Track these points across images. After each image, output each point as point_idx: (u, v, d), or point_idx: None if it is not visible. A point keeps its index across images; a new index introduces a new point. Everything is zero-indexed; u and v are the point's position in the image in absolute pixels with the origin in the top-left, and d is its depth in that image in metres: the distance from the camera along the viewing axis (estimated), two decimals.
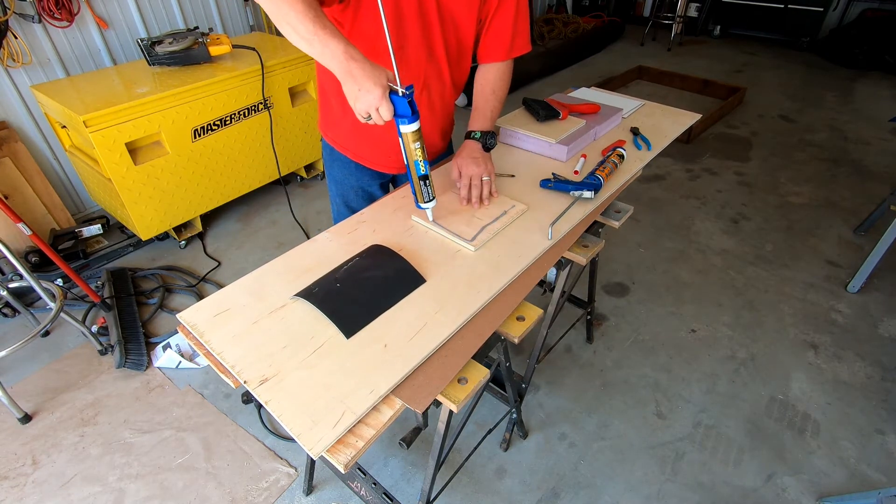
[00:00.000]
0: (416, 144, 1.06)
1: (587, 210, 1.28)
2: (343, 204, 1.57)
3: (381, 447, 1.80)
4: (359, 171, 1.49)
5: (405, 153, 1.08)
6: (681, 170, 3.44)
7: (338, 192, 1.56)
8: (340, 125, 1.41)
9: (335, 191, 1.57)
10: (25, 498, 1.66)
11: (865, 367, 2.05)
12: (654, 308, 2.35)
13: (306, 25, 0.93)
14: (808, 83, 4.79)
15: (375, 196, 1.54)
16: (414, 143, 1.05)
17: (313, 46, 0.95)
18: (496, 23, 1.27)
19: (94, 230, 2.69)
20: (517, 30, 1.29)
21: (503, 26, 1.27)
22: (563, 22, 5.86)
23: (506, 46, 1.31)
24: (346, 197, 1.55)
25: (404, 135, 1.04)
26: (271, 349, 0.91)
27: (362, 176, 1.50)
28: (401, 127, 1.03)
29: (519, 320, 1.04)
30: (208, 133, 2.58)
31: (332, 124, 1.44)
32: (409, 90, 0.99)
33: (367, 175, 1.50)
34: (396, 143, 1.39)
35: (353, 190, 1.53)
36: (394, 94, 0.98)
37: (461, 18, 1.22)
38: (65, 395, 1.99)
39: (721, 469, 1.71)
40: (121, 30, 2.79)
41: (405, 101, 0.99)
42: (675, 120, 1.70)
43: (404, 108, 1.00)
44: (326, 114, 1.44)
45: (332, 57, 0.95)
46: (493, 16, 1.26)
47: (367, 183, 1.52)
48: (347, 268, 1.06)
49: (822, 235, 2.79)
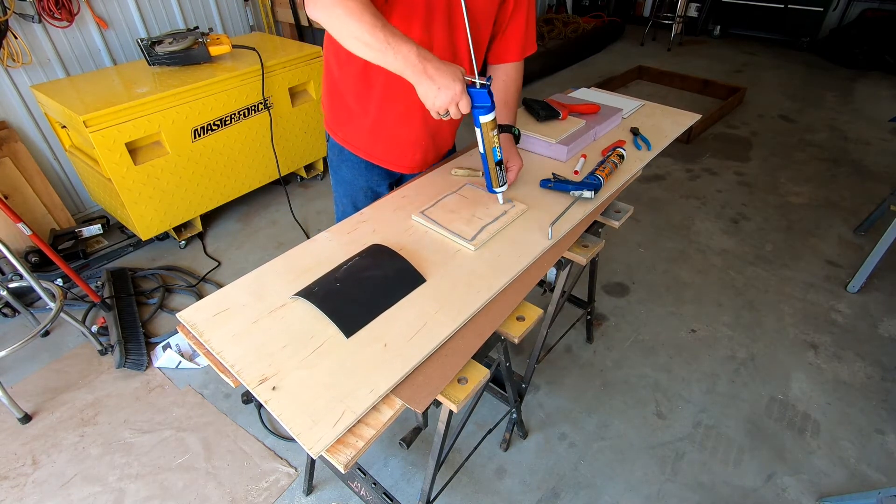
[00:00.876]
0: (494, 132, 1.11)
1: (587, 210, 1.28)
2: (351, 205, 1.55)
3: (381, 447, 1.80)
4: (368, 172, 1.48)
5: (482, 142, 1.13)
6: (681, 170, 3.44)
7: (345, 193, 1.55)
8: (355, 124, 1.39)
9: (342, 192, 1.55)
10: (25, 498, 1.66)
11: (865, 367, 2.05)
12: (654, 308, 2.35)
13: (376, 36, 0.94)
14: (808, 83, 4.79)
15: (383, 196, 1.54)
16: (493, 131, 1.10)
17: (386, 56, 0.96)
18: (513, 24, 1.30)
19: (94, 230, 2.69)
20: (528, 30, 1.32)
21: (518, 27, 1.30)
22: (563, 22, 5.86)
23: (520, 47, 1.34)
24: (355, 198, 1.54)
25: (483, 125, 1.09)
26: (271, 349, 0.91)
27: (372, 176, 1.49)
28: (480, 118, 1.07)
29: (519, 320, 1.04)
30: (208, 133, 2.58)
31: (343, 123, 1.42)
32: (489, 80, 1.03)
33: (377, 175, 1.49)
34: (416, 141, 1.41)
35: (362, 191, 1.52)
36: (472, 87, 1.02)
37: (483, 20, 1.24)
38: (65, 395, 1.99)
39: (721, 469, 1.71)
40: (121, 30, 2.79)
41: (484, 92, 1.03)
42: (675, 120, 1.70)
43: (484, 98, 1.03)
44: (337, 113, 1.42)
45: (406, 62, 0.96)
46: (511, 17, 1.28)
47: (375, 183, 1.51)
48: (347, 267, 1.06)
49: (822, 235, 2.79)
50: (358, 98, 1.33)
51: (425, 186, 1.38)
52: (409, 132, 1.37)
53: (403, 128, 1.36)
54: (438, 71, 0.96)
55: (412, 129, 1.37)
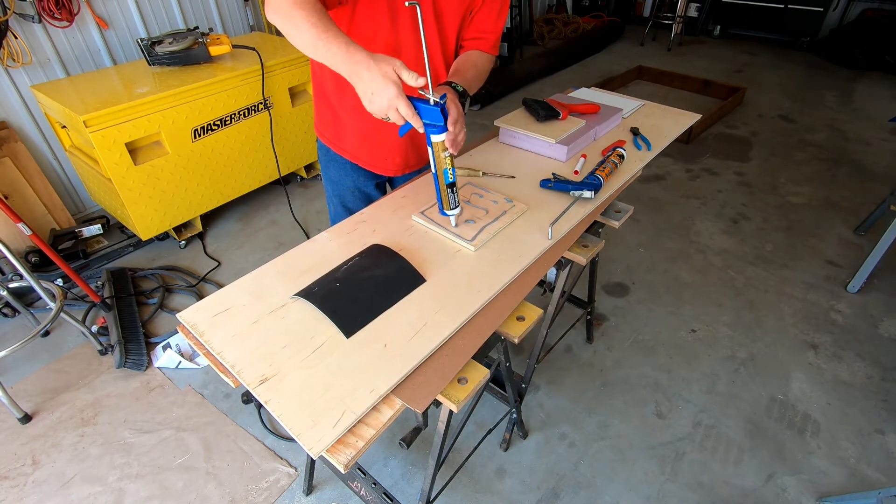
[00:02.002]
0: (446, 153, 1.03)
1: (587, 210, 1.27)
2: (340, 205, 1.57)
3: (381, 447, 1.80)
4: (355, 172, 1.49)
5: (433, 162, 1.06)
6: (681, 170, 3.44)
7: (334, 193, 1.56)
8: (338, 126, 1.41)
9: (332, 191, 1.57)
10: (25, 498, 1.66)
11: (865, 367, 2.05)
12: (654, 308, 2.35)
13: (311, 31, 0.92)
14: (807, 83, 4.79)
15: (372, 196, 1.55)
16: (444, 152, 1.03)
17: (318, 51, 0.94)
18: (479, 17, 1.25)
19: (94, 230, 2.69)
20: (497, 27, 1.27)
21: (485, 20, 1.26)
22: (563, 22, 5.86)
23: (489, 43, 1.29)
24: (343, 197, 1.55)
25: (434, 144, 1.02)
26: (271, 349, 0.91)
27: (358, 177, 1.50)
28: (431, 137, 1.00)
29: (519, 320, 1.04)
30: (208, 133, 2.58)
31: (329, 125, 1.44)
32: (443, 99, 0.96)
33: (363, 175, 1.50)
34: (395, 146, 1.39)
35: (349, 190, 1.53)
36: (424, 103, 0.95)
37: (450, 18, 1.21)
38: (65, 395, 1.99)
39: (721, 469, 1.71)
40: (121, 30, 2.79)
41: (437, 110, 0.95)
42: (675, 120, 1.70)
43: (435, 117, 0.96)
44: (322, 115, 1.44)
45: (336, 59, 0.92)
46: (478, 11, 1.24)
47: (363, 183, 1.52)
48: (347, 267, 1.06)
49: (822, 235, 2.79)
50: (339, 101, 1.34)
51: (425, 186, 1.38)
52: (385, 137, 1.37)
53: (380, 133, 1.36)
54: (370, 72, 0.90)
55: (388, 134, 1.36)
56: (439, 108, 0.95)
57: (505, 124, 1.56)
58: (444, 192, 1.11)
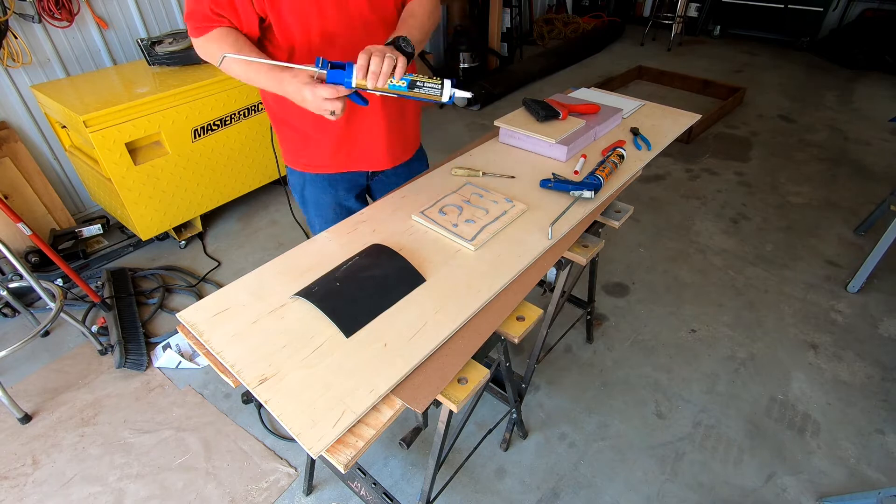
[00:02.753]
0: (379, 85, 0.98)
1: (587, 210, 1.28)
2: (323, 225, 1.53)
3: (381, 447, 1.80)
4: (332, 187, 1.47)
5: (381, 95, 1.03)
6: (681, 170, 3.44)
7: (317, 214, 1.54)
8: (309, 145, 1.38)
9: (314, 213, 1.54)
10: (25, 498, 1.66)
11: (865, 366, 2.05)
12: (654, 308, 2.35)
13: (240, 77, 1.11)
14: (807, 83, 4.79)
15: (354, 209, 1.48)
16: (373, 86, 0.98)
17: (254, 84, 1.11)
18: None
19: (94, 230, 2.69)
20: None
21: None
22: (563, 22, 5.86)
23: None
24: (326, 217, 1.53)
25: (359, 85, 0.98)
26: (271, 348, 0.91)
27: (337, 191, 1.49)
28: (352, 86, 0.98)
29: (519, 320, 1.04)
30: (208, 133, 2.58)
31: (299, 150, 1.42)
32: (323, 61, 0.96)
33: (343, 188, 1.49)
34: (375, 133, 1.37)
35: (331, 208, 1.51)
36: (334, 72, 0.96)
37: None
38: (65, 395, 1.99)
39: (721, 469, 1.71)
40: (121, 30, 2.79)
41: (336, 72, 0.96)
42: (675, 120, 1.70)
43: (337, 76, 0.97)
44: (289, 144, 1.42)
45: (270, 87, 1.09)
46: None
47: (343, 197, 1.51)
48: (347, 267, 1.06)
49: (822, 235, 2.79)
50: (300, 120, 1.33)
51: (425, 186, 1.38)
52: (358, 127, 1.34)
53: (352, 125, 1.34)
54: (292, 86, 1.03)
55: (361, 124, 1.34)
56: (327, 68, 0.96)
57: (505, 124, 1.56)
58: (415, 94, 1.01)
